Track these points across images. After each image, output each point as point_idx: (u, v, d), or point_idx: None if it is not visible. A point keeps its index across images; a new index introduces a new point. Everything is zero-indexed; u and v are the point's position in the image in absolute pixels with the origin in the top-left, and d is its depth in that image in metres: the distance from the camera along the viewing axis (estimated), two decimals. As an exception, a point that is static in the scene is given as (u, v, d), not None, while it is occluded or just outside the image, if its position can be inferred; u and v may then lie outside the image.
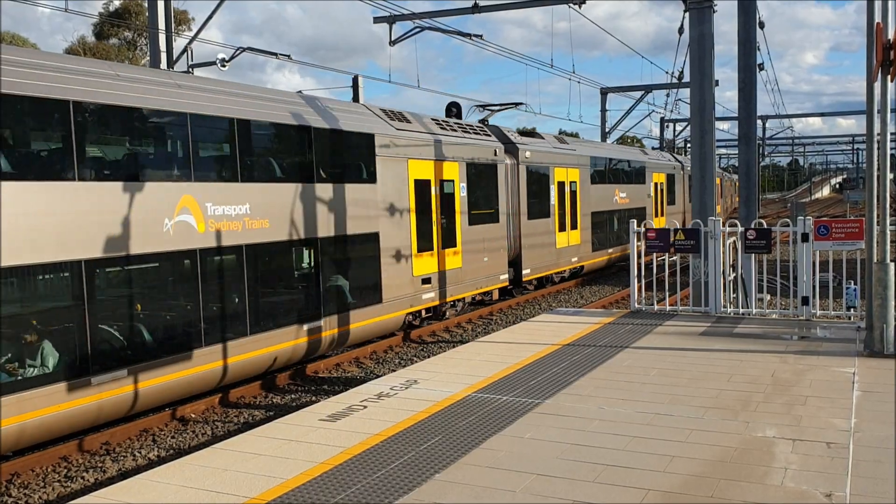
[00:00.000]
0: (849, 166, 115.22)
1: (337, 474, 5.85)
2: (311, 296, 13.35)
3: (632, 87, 41.16)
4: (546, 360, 9.50)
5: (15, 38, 41.14)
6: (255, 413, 11.48)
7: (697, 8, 14.71)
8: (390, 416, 7.29)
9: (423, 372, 9.08)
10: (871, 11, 9.14)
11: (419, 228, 16.50)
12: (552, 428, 6.79)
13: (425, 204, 16.75)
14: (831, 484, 5.38)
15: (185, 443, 10.28)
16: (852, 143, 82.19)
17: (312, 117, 13.60)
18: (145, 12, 23.19)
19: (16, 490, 8.75)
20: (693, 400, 7.54)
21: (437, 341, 16.53)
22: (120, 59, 42.63)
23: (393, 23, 21.71)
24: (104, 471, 9.27)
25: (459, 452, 6.24)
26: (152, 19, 16.82)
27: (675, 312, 12.75)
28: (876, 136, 9.38)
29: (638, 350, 9.93)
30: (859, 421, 6.74)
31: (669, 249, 12.66)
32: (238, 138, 11.95)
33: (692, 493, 5.30)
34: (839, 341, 10.21)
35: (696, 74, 14.81)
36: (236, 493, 5.57)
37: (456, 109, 21.70)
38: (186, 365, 10.98)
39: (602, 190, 27.27)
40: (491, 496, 5.36)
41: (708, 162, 14.83)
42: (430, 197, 16.92)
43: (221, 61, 17.04)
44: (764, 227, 12.29)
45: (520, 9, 21.30)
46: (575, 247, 25.03)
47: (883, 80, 9.02)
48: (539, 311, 19.79)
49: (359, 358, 14.83)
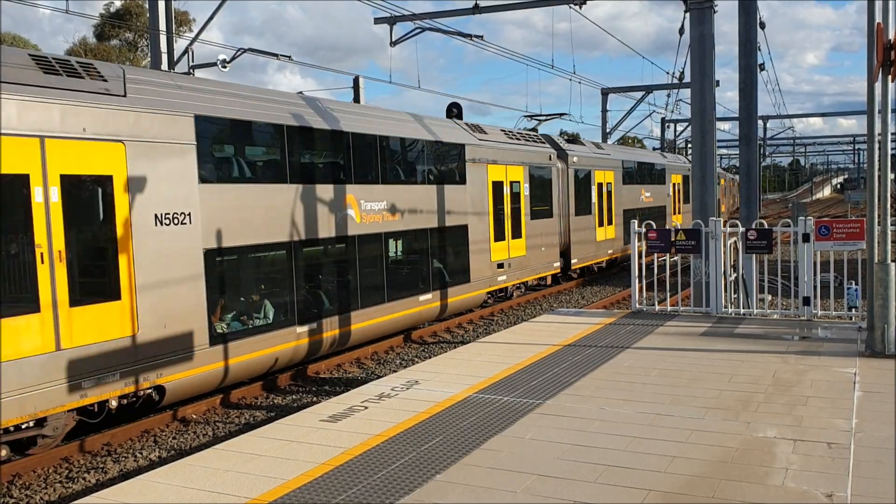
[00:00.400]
0: (850, 166, 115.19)
1: (338, 475, 5.85)
2: (424, 274, 16.82)
3: (632, 87, 41.15)
4: (547, 360, 9.50)
5: (16, 40, 41.16)
6: (256, 414, 11.49)
7: (698, 8, 14.71)
8: (391, 416, 7.29)
9: (425, 372, 9.09)
10: (871, 12, 9.14)
11: (495, 222, 19.73)
12: (553, 428, 6.79)
13: (499, 202, 19.95)
14: (832, 484, 5.38)
15: (187, 443, 10.29)
16: (853, 144, 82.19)
17: (426, 132, 17.00)
18: (146, 13, 23.22)
19: (17, 491, 8.75)
20: (694, 400, 7.54)
21: (438, 342, 16.53)
22: (121, 60, 42.66)
23: (393, 24, 21.72)
24: (105, 472, 9.28)
25: (460, 453, 6.24)
26: (153, 20, 16.83)
27: (676, 313, 12.74)
28: (877, 136, 9.37)
29: (639, 350, 9.93)
30: (860, 421, 6.74)
31: (670, 250, 12.65)
32: (380, 150, 15.29)
33: (693, 494, 5.30)
34: (840, 341, 10.21)
35: (697, 75, 14.81)
36: (237, 493, 5.58)
37: (457, 110, 21.70)
38: (352, 319, 14.46)
39: (631, 190, 30.49)
40: (492, 497, 5.36)
41: (709, 162, 14.83)
42: (502, 196, 20.16)
43: (222, 62, 17.07)
44: (765, 227, 12.29)
45: (520, 9, 21.30)
46: (611, 240, 28.27)
47: (884, 81, 9.01)
48: (540, 311, 19.78)
49: (360, 358, 14.84)
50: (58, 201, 9.31)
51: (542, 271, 22.63)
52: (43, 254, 9.13)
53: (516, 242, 20.88)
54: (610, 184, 28.02)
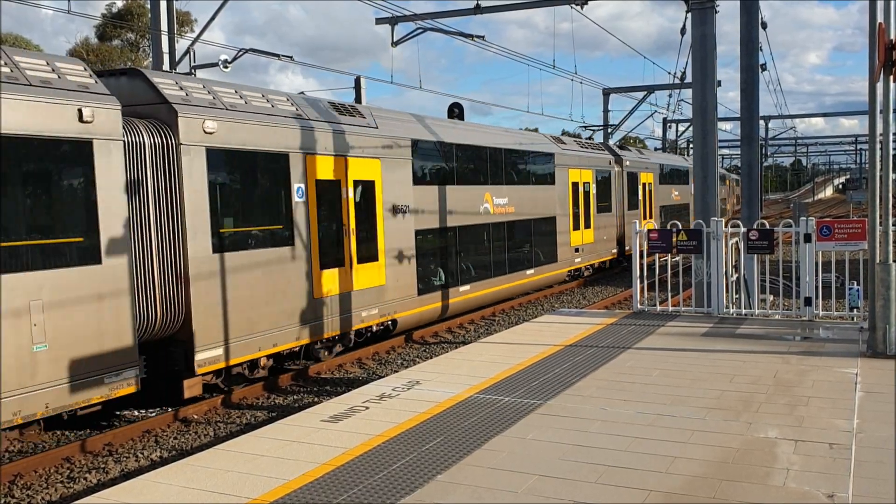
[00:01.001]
0: (852, 167, 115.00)
1: (339, 475, 5.85)
2: (529, 254, 21.70)
3: (634, 87, 41.08)
4: (548, 360, 9.50)
5: (18, 40, 41.18)
6: (257, 414, 11.49)
7: (699, 8, 14.70)
8: (392, 416, 7.29)
9: (426, 373, 9.09)
10: (872, 12, 9.14)
11: (573, 215, 24.75)
12: (554, 429, 6.79)
13: (576, 199, 25.06)
14: (833, 485, 5.38)
15: (188, 444, 10.29)
16: (855, 144, 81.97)
17: (530, 144, 22.26)
18: (148, 14, 23.22)
19: (19, 491, 8.76)
20: (695, 401, 7.54)
21: (439, 342, 16.53)
22: (123, 60, 42.67)
23: (395, 24, 21.70)
24: (107, 472, 9.28)
25: (461, 453, 6.24)
26: (155, 21, 16.83)
27: (677, 313, 12.74)
28: (878, 136, 9.36)
29: (640, 351, 9.92)
30: (861, 422, 6.73)
31: (672, 250, 12.65)
32: (504, 159, 20.33)
33: (694, 494, 5.29)
34: (842, 342, 10.20)
35: (699, 75, 14.80)
36: (238, 493, 5.58)
37: (458, 110, 21.70)
38: (488, 285, 19.53)
39: (665, 189, 35.60)
40: (493, 497, 5.36)
41: (710, 162, 14.82)
42: (578, 194, 25.23)
43: (224, 62, 17.06)
44: (766, 227, 12.28)
45: (522, 10, 21.29)
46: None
47: (885, 81, 9.01)
48: (542, 311, 19.78)
49: (361, 359, 14.84)
50: (352, 196, 14.31)
51: (604, 256, 27.79)
52: (348, 230, 14.23)
53: (587, 232, 26.01)
54: (651, 184, 33.01)
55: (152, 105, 11.01)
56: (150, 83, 11.11)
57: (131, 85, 11.17)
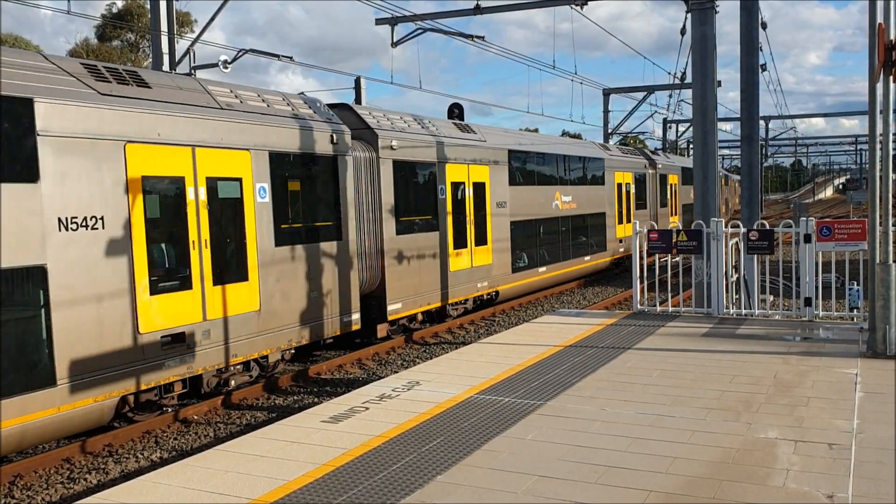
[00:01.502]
0: (852, 167, 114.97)
1: (339, 476, 5.85)
2: (585, 243, 25.60)
3: (634, 87, 41.15)
4: (548, 361, 9.50)
5: (17, 40, 41.18)
6: (258, 415, 11.49)
7: (699, 9, 14.70)
8: (392, 417, 7.29)
9: (426, 373, 9.09)
10: (872, 12, 9.14)
11: (618, 210, 28.68)
12: (554, 429, 6.79)
13: (620, 197, 29.06)
14: (833, 485, 5.38)
15: (188, 444, 10.29)
16: (855, 144, 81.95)
17: (584, 151, 26.30)
18: (147, 14, 23.22)
19: (18, 492, 8.76)
20: (695, 401, 7.54)
21: (439, 342, 16.53)
22: (123, 60, 42.69)
23: (395, 24, 21.70)
24: (107, 472, 9.28)
25: (461, 454, 6.24)
26: (155, 21, 16.83)
27: (677, 314, 12.74)
28: (879, 136, 9.36)
29: (640, 351, 9.92)
30: (861, 422, 6.73)
31: (672, 251, 12.65)
32: (567, 164, 24.40)
33: (694, 495, 5.29)
34: (842, 342, 10.20)
35: (699, 75, 14.80)
36: (238, 494, 5.58)
37: (458, 111, 21.70)
38: (558, 267, 23.53)
39: (685, 189, 38.89)
40: (493, 497, 5.36)
41: (710, 163, 14.81)
42: (621, 193, 29.20)
43: (224, 63, 17.07)
44: (766, 227, 12.28)
45: (522, 10, 21.30)
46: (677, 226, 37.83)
47: (885, 81, 9.01)
48: (542, 312, 19.78)
49: (361, 359, 14.84)
50: (471, 195, 18.59)
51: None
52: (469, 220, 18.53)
53: (628, 226, 29.55)
54: (675, 185, 37.12)
55: (360, 129, 15.26)
56: (356, 114, 15.49)
57: (342, 115, 15.19)
